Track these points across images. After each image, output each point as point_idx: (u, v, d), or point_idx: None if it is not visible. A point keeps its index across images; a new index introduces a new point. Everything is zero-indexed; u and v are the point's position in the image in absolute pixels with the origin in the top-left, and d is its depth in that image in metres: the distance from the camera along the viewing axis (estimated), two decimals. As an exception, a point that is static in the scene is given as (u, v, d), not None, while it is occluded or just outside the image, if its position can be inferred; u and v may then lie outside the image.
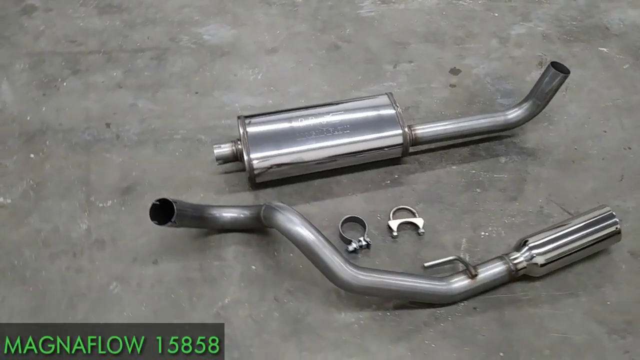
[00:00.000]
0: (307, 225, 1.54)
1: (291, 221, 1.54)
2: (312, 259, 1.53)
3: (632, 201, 1.86)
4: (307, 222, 1.55)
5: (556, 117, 2.08)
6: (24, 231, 1.78)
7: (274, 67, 2.24)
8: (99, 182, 1.90)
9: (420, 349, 1.56)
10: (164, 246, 1.74)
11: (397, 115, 1.86)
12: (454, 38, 2.35)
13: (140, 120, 2.07)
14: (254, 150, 1.77)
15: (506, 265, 1.61)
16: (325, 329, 1.59)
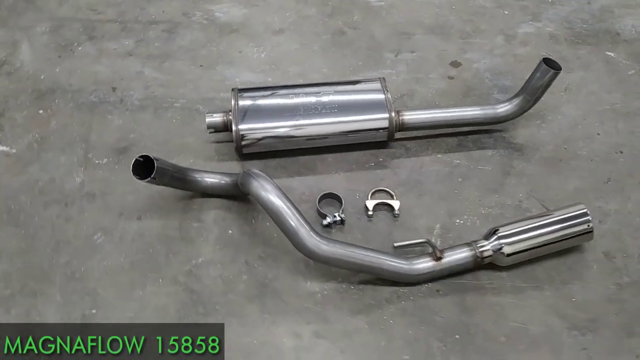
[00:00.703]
0: (279, 193, 1.60)
1: (264, 188, 1.61)
2: (280, 226, 1.59)
3: (614, 204, 1.85)
4: (279, 191, 1.61)
5: (550, 116, 2.08)
6: (24, 179, 1.90)
7: (278, 47, 2.31)
8: (98, 140, 2.00)
9: (378, 324, 1.60)
10: (149, 204, 1.83)
11: (385, 100, 1.90)
12: (460, 32, 2.37)
13: (144, 87, 2.16)
14: (242, 121, 1.84)
15: (472, 252, 1.64)
16: (289, 295, 1.65)
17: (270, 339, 1.57)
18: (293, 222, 1.56)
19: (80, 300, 1.64)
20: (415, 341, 1.57)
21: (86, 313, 1.61)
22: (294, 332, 1.58)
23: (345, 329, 1.59)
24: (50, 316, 1.61)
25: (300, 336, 1.58)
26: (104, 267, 1.70)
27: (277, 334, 1.58)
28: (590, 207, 1.80)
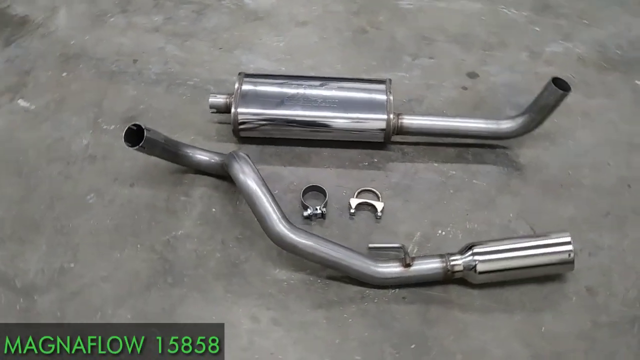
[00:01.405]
0: (256, 178, 1.63)
1: (243, 171, 1.64)
2: (252, 209, 1.62)
3: (610, 239, 1.77)
4: (257, 175, 1.64)
5: (561, 139, 2.01)
6: (36, 135, 2.01)
7: (297, 39, 2.33)
8: (110, 108, 2.09)
9: (337, 320, 1.60)
10: (144, 173, 1.90)
11: (386, 101, 1.89)
12: (483, 44, 2.32)
13: (163, 62, 2.24)
14: (241, 105, 1.88)
15: (443, 264, 1.61)
16: (256, 279, 1.67)
17: (228, 318, 1.60)
18: (264, 206, 1.59)
19: (62, 253, 1.72)
20: (370, 344, 1.56)
21: (65, 266, 1.70)
22: (253, 315, 1.61)
23: (303, 321, 1.60)
24: (33, 264, 1.70)
25: (257, 320, 1.60)
26: (90, 226, 1.78)
27: (236, 315, 1.61)
28: (582, 239, 1.75)
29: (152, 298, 1.64)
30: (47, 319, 1.59)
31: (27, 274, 1.68)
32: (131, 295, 1.64)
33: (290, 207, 1.82)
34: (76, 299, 1.63)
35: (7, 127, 2.03)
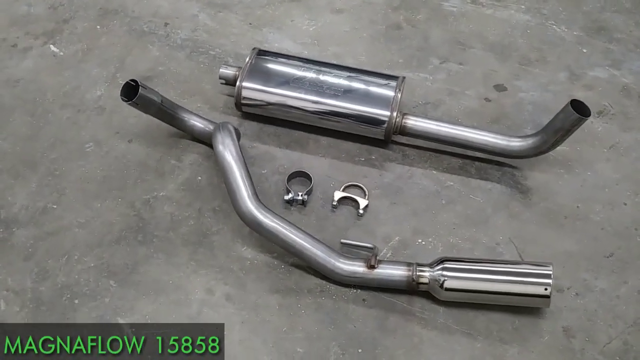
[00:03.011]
0: (235, 152, 1.62)
1: (223, 142, 1.63)
2: (225, 182, 1.62)
3: (605, 282, 1.62)
4: (236, 150, 1.63)
5: (578, 169, 1.86)
6: (57, 79, 2.09)
7: (329, 25, 2.29)
8: (131, 65, 2.14)
9: (289, 309, 1.56)
10: (144, 132, 1.93)
11: (392, 99, 1.81)
12: (522, 57, 2.18)
13: (192, 29, 2.27)
14: (247, 79, 1.87)
15: (408, 273, 1.53)
16: (222, 252, 1.66)
17: (184, 285, 1.60)
18: (236, 181, 1.58)
19: (49, 194, 1.78)
20: (317, 339, 1.51)
21: (48, 206, 1.76)
22: (209, 287, 1.60)
23: (256, 303, 1.57)
24: (20, 199, 1.77)
25: (212, 293, 1.59)
26: (81, 173, 1.83)
27: (192, 283, 1.61)
28: (573, 276, 1.62)
29: (118, 252, 1.66)
30: (18, 253, 1.65)
31: (12, 207, 1.75)
32: (100, 245, 1.68)
33: (274, 188, 1.79)
34: (49, 239, 1.69)
35: (34, 69, 2.12)
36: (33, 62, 2.15)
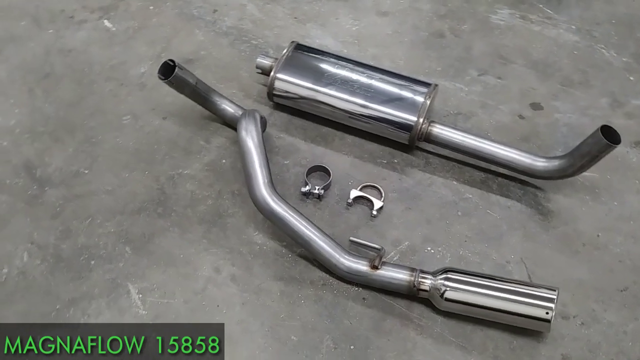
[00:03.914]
0: (256, 139, 1.66)
1: (246, 128, 1.68)
2: (243, 167, 1.66)
3: (614, 316, 1.57)
4: (258, 137, 1.68)
5: (605, 197, 1.81)
6: (107, 53, 2.20)
7: (372, 27, 2.31)
8: (176, 46, 2.22)
9: (289, 296, 1.60)
10: (178, 111, 2.00)
11: (421, 105, 1.82)
12: (564, 78, 2.13)
13: (238, 18, 2.33)
14: (281, 71, 1.91)
15: (410, 278, 1.53)
16: (234, 234, 1.71)
17: (194, 260, 1.66)
18: (254, 167, 1.62)
19: (83, 159, 1.89)
20: (312, 330, 1.54)
21: (80, 171, 1.86)
22: (216, 266, 1.65)
23: (259, 286, 1.62)
24: (56, 161, 1.88)
25: (219, 271, 1.64)
26: (115, 143, 1.93)
27: (202, 260, 1.66)
28: (581, 305, 1.59)
29: (138, 221, 1.74)
30: (46, 211, 1.76)
31: (48, 167, 1.86)
32: (122, 213, 1.76)
33: (293, 179, 1.83)
34: (76, 201, 1.78)
35: (86, 41, 2.24)
36: (87, 34, 2.27)
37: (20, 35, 2.25)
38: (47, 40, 2.24)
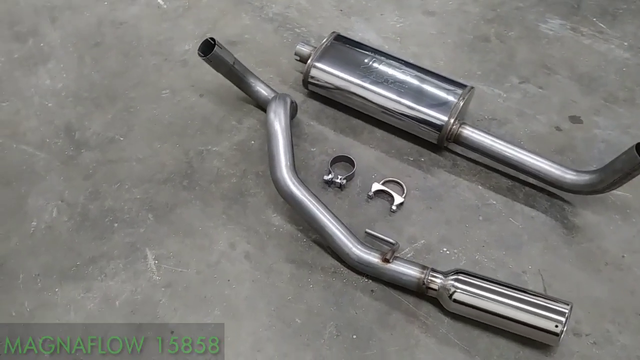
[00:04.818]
0: (284, 122, 1.69)
1: (275, 111, 1.71)
2: (268, 149, 1.69)
3: (629, 338, 1.52)
4: (285, 120, 1.70)
5: (635, 218, 1.75)
6: (154, 29, 2.27)
7: (416, 25, 2.29)
8: (222, 28, 2.28)
9: (299, 279, 1.62)
10: (215, 89, 2.05)
11: (454, 105, 1.80)
12: (608, 94, 2.07)
13: (285, 6, 2.36)
14: (318, 60, 1.93)
15: (421, 275, 1.53)
16: (252, 213, 1.74)
17: (211, 234, 1.70)
18: (278, 149, 1.65)
19: (120, 126, 1.96)
20: (317, 315, 1.55)
21: (116, 137, 1.93)
22: (232, 242, 1.69)
23: (271, 266, 1.64)
24: (95, 125, 1.96)
25: (234, 247, 1.68)
26: (151, 115, 1.99)
27: (219, 235, 1.70)
28: (596, 325, 1.55)
29: (163, 190, 1.80)
30: (80, 172, 1.84)
31: (87, 131, 1.95)
32: (150, 181, 1.82)
33: (317, 167, 1.85)
34: (109, 166, 1.86)
35: (138, 15, 2.32)
36: (139, 9, 2.35)
37: (77, 5, 2.36)
38: (101, 12, 2.33)
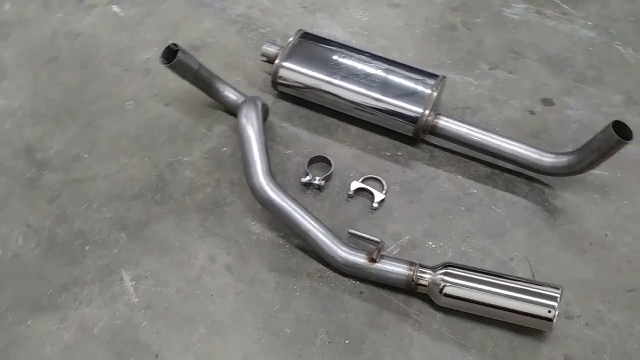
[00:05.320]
0: (256, 126, 1.63)
1: (246, 115, 1.65)
2: (242, 155, 1.63)
3: (620, 316, 1.52)
4: (258, 124, 1.64)
5: (615, 196, 1.75)
6: (113, 38, 2.18)
7: (382, 18, 2.26)
8: (184, 33, 2.20)
9: (284, 287, 1.56)
10: (182, 97, 1.98)
11: (428, 96, 1.77)
12: (577, 74, 2.07)
13: (248, 6, 2.30)
14: (286, 59, 1.88)
15: (409, 272, 1.49)
16: (231, 223, 1.68)
17: (189, 248, 1.63)
18: (252, 155, 1.59)
19: (83, 143, 1.87)
20: (306, 322, 1.51)
21: (80, 155, 1.84)
22: (212, 255, 1.62)
23: (254, 277, 1.58)
24: (57, 144, 1.86)
25: (214, 260, 1.61)
26: (116, 128, 1.91)
27: (197, 248, 1.63)
28: (586, 306, 1.54)
29: (135, 207, 1.72)
30: (44, 194, 1.74)
31: (49, 151, 1.85)
32: (120, 198, 1.74)
33: (294, 169, 1.80)
34: (74, 186, 1.77)
35: (94, 25, 2.23)
36: (95, 19, 2.25)
37: (29, 18, 2.25)
38: (55, 24, 2.23)
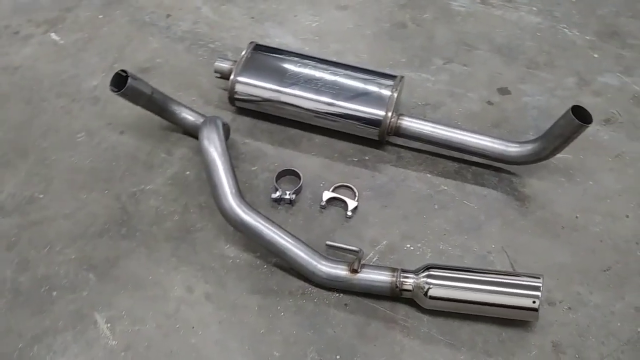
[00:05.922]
0: (219, 147, 1.58)
1: (208, 137, 1.59)
2: (208, 178, 1.58)
3: (600, 297, 1.54)
4: (221, 145, 1.59)
5: (580, 178, 1.78)
6: (55, 68, 2.08)
7: (332, 22, 2.24)
8: (130, 55, 2.12)
9: (269, 310, 1.52)
10: (136, 124, 1.90)
11: (389, 98, 1.76)
12: (529, 61, 2.11)
13: (193, 22, 2.24)
14: (241, 74, 1.83)
15: (392, 279, 1.47)
16: (204, 249, 1.63)
17: (163, 281, 1.57)
18: (219, 177, 1.54)
19: (37, 183, 1.77)
20: (294, 343, 1.47)
21: (35, 195, 1.74)
22: (188, 285, 1.56)
23: (235, 303, 1.54)
24: (8, 187, 1.76)
25: (191, 291, 1.56)
26: (70, 163, 1.82)
27: (172, 280, 1.57)
28: (566, 290, 1.55)
29: (101, 245, 1.64)
30: (1, 242, 1.64)
31: (0, 195, 1.74)
32: (83, 237, 1.65)
33: (262, 186, 1.75)
34: (33, 229, 1.67)
35: (33, 56, 2.12)
36: (33, 50, 2.15)
37: (-40, 56, 2.12)
38: (-10, 60, 2.11)
